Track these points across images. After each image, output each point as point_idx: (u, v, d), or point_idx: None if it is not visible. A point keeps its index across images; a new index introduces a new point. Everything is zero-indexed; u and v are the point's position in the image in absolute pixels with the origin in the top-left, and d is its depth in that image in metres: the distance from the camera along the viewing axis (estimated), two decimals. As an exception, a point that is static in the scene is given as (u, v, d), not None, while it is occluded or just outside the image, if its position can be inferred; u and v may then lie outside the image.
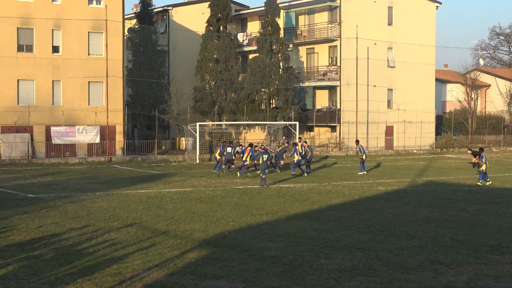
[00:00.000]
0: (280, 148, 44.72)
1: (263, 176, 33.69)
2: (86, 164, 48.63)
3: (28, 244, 18.26)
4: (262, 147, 39.76)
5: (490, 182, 35.00)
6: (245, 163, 39.03)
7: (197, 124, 52.15)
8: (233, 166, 40.19)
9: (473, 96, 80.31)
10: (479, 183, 34.33)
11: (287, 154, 45.22)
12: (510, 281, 14.61)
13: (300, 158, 40.64)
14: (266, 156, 34.76)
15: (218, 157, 41.28)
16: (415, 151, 65.38)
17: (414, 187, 33.81)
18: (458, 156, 60.42)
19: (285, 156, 44.32)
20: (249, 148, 39.83)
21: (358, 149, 42.06)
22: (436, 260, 16.54)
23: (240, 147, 43.66)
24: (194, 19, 67.75)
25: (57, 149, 51.35)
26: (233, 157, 40.83)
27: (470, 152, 45.37)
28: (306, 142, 45.54)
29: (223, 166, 40.59)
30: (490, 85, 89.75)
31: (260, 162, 34.62)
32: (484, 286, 14.17)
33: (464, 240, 19.19)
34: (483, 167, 34.58)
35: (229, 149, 40.40)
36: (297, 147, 41.33)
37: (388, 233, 20.27)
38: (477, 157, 45.55)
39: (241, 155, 40.62)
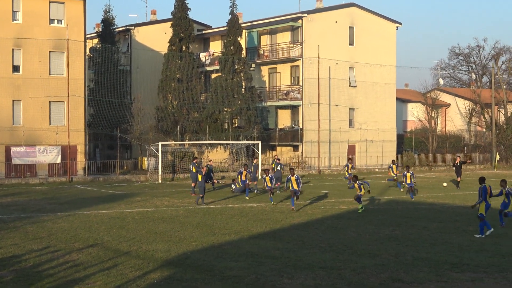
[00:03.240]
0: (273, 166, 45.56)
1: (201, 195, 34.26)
2: (47, 184, 48.12)
3: (-13, 266, 18.00)
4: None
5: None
6: (268, 187, 34.82)
7: (160, 143, 51.97)
8: (193, 184, 39.68)
9: (433, 115, 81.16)
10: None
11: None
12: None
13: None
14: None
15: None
16: (377, 170, 65.81)
17: (376, 206, 34.01)
18: (419, 175, 60.89)
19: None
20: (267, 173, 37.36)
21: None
22: (398, 278, 16.63)
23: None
24: (156, 38, 67.66)
25: (17, 170, 50.72)
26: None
27: (459, 159, 47.20)
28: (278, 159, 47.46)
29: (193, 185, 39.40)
30: (450, 104, 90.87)
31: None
32: (445, 304, 14.28)
33: (425, 258, 19.33)
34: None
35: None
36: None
37: (350, 252, 20.35)
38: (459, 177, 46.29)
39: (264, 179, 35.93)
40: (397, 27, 71.18)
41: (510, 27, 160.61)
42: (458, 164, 47.56)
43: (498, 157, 71.22)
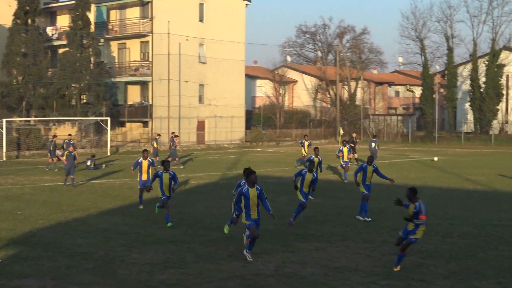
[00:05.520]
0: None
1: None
2: None
3: None
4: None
5: None
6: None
7: (4, 120, 50.26)
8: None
9: (281, 91, 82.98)
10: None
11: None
12: (315, 266, 15.34)
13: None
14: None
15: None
16: (226, 145, 66.61)
17: (225, 180, 34.49)
18: (267, 150, 62.22)
19: None
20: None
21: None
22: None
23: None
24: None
25: None
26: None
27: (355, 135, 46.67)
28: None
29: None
30: (297, 81, 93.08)
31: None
32: (290, 272, 14.76)
33: (273, 230, 19.83)
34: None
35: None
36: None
37: (200, 226, 20.60)
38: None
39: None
40: (246, 4, 71.94)
41: (354, 7, 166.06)
42: (355, 140, 46.68)
43: (342, 132, 73.51)
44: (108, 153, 54.48)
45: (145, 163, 24.99)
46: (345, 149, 35.43)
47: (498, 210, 24.47)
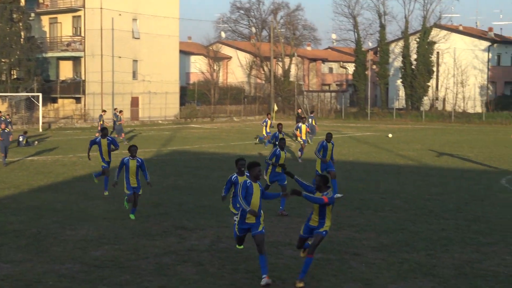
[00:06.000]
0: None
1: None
2: None
3: None
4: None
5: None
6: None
7: None
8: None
9: (215, 67, 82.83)
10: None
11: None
12: (249, 241, 15.34)
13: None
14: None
15: None
16: (160, 122, 66.25)
17: (159, 157, 34.37)
18: (201, 126, 62.19)
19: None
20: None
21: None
22: (180, 226, 17.05)
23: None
24: None
25: None
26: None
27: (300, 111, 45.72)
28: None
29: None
30: (231, 57, 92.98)
31: None
32: (225, 248, 14.85)
33: (207, 205, 19.92)
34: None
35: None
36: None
37: (134, 202, 20.49)
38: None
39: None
40: (180, -21, 71.35)
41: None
42: (301, 116, 45.85)
43: (276, 108, 74.13)
44: (40, 130, 53.67)
45: (104, 142, 22.40)
46: (303, 126, 34.56)
47: (428, 184, 25.05)
